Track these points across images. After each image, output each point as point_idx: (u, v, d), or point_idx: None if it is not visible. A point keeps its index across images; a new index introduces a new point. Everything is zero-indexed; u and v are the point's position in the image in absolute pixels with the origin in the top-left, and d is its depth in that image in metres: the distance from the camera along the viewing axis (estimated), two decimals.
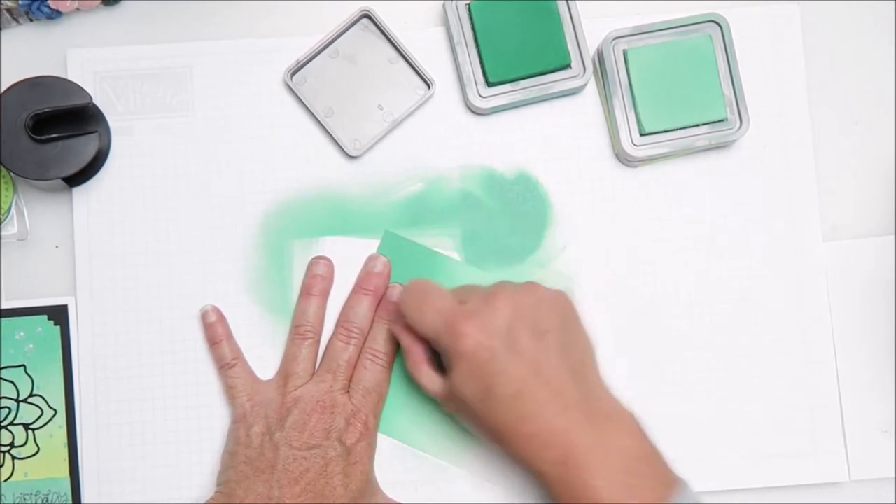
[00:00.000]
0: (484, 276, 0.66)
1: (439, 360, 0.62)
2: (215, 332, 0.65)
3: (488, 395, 0.56)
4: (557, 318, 0.59)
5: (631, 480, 0.54)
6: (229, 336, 0.66)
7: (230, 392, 0.65)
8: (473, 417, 0.59)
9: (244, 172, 0.67)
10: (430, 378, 0.61)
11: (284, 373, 0.64)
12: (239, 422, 0.63)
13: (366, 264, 0.66)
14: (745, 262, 0.68)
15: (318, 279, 0.66)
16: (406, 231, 0.67)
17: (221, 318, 0.66)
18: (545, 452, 0.55)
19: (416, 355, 0.62)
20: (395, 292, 0.66)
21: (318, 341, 0.65)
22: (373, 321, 0.65)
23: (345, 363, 0.64)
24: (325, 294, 0.66)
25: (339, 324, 0.65)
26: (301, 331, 0.65)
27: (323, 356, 0.65)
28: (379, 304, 0.66)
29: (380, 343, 0.64)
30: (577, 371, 0.58)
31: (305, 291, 0.66)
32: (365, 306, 0.65)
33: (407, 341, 0.62)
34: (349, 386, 0.64)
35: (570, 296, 0.61)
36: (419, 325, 0.60)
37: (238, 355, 0.65)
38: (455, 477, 0.66)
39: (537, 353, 0.57)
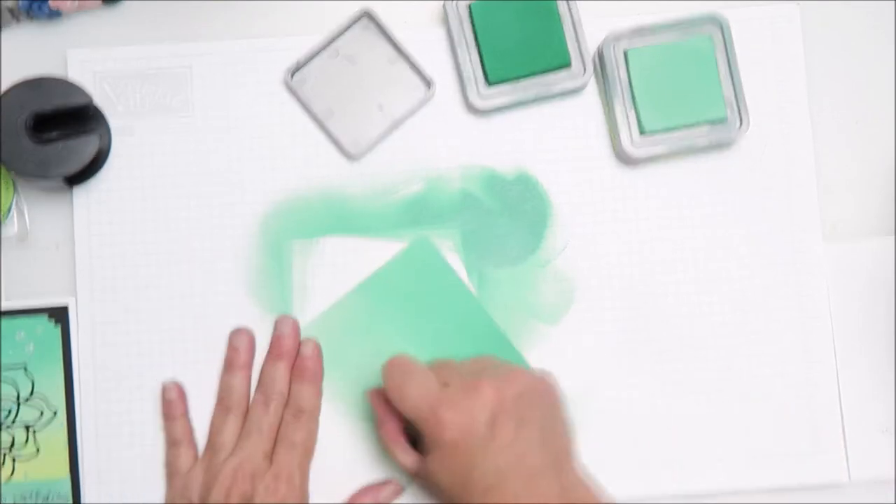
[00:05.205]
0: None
1: (412, 430, 0.60)
2: (173, 408, 0.65)
3: (465, 484, 0.56)
4: (542, 408, 0.58)
5: None
6: (184, 414, 0.65)
7: (168, 469, 0.64)
8: (448, 500, 0.58)
9: (244, 172, 0.67)
10: (405, 455, 0.60)
11: (209, 446, 0.64)
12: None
13: (275, 328, 0.66)
14: (746, 261, 0.68)
15: (239, 353, 0.65)
16: (406, 231, 0.67)
17: (181, 395, 0.65)
18: None
19: (392, 431, 0.61)
20: (307, 349, 0.65)
21: (244, 413, 0.64)
22: (291, 381, 0.64)
23: (267, 427, 0.63)
24: (248, 366, 0.65)
25: (257, 390, 0.65)
26: (225, 403, 0.64)
27: (245, 423, 0.64)
28: (294, 364, 0.65)
29: (301, 401, 0.64)
30: (557, 462, 0.57)
31: (228, 366, 0.65)
32: (280, 370, 0.64)
33: (381, 412, 0.62)
34: (273, 448, 0.63)
35: (554, 380, 0.60)
36: (401, 406, 0.59)
37: (187, 434, 0.65)
38: None
39: (519, 445, 0.56)
